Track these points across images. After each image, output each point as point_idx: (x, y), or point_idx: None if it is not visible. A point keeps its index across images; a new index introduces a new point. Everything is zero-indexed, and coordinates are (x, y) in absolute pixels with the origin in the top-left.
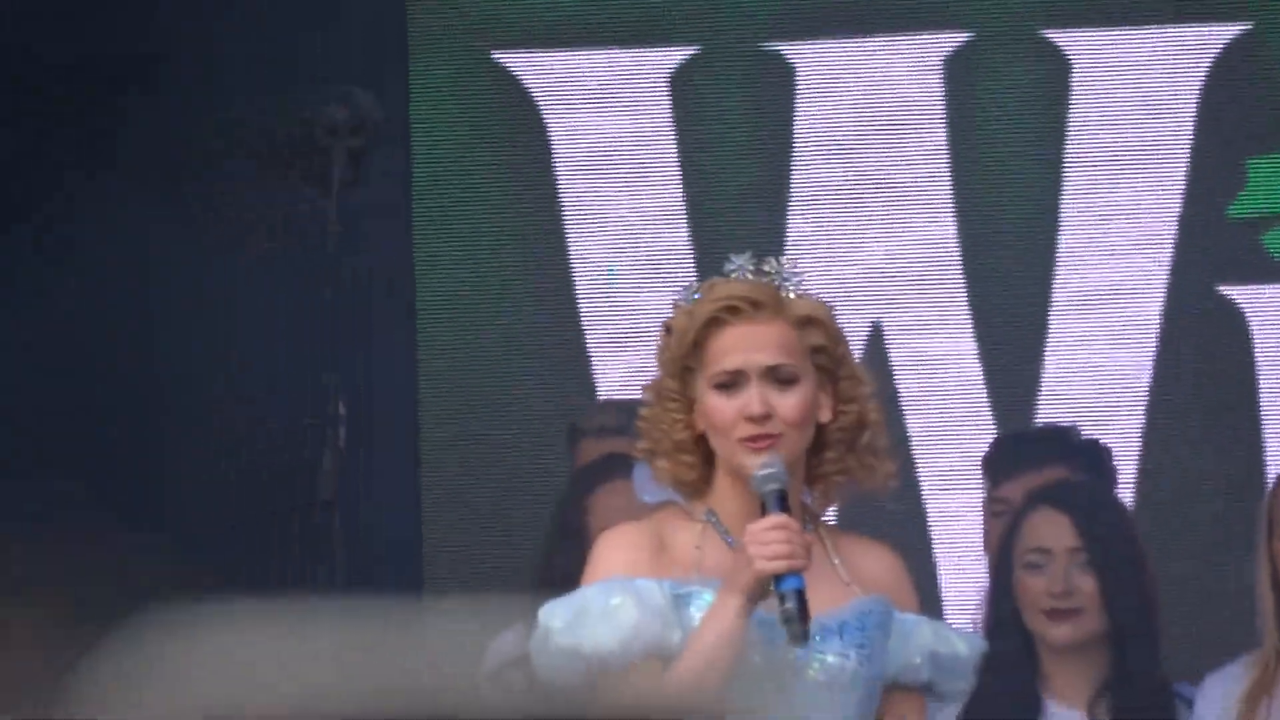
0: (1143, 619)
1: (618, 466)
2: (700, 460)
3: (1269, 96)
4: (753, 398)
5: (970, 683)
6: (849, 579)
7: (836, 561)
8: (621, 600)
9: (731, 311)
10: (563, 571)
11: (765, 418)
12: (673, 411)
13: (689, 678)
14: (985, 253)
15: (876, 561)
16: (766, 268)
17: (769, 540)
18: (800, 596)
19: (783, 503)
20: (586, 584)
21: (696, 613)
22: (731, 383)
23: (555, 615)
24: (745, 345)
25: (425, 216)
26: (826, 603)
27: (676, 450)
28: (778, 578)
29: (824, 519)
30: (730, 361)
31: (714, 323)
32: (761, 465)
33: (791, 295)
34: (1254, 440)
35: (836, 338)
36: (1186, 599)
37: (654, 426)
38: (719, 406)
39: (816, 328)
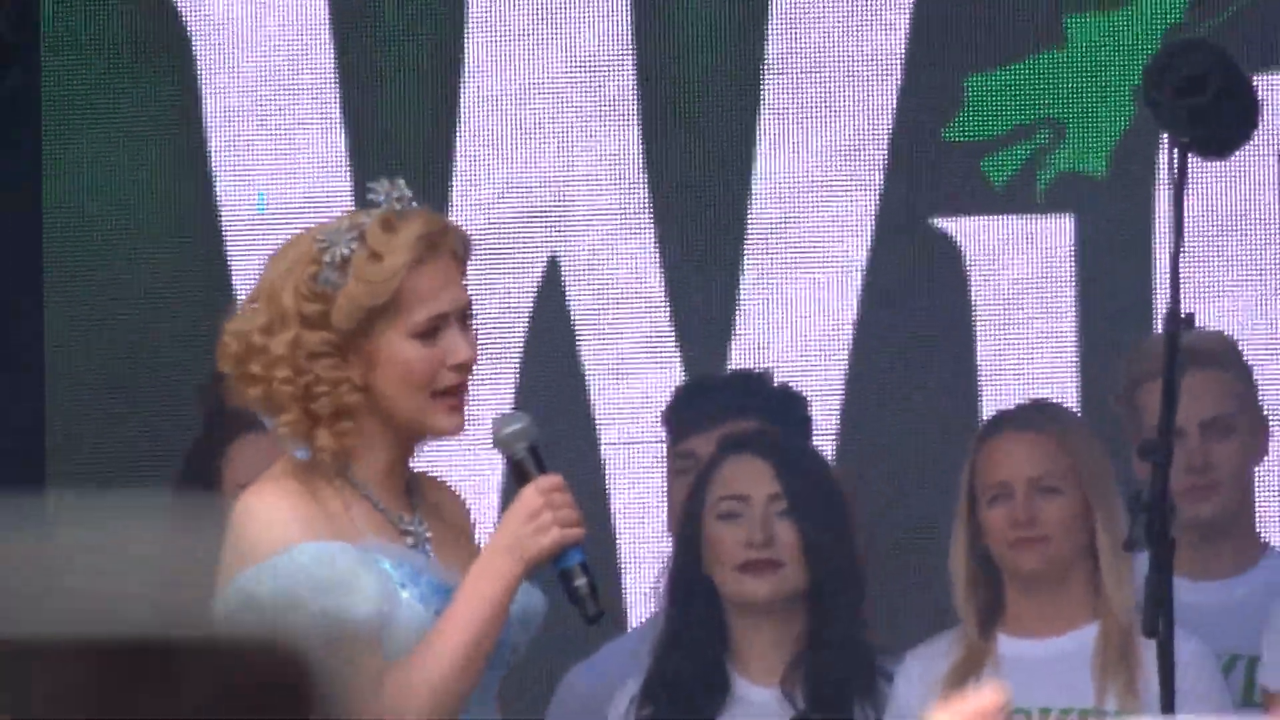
0: (846, 577)
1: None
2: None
3: (991, 7)
4: (459, 342)
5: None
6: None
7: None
8: (352, 564)
9: (434, 248)
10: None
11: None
12: (336, 371)
13: (458, 647)
14: (674, 172)
15: (454, 501)
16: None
17: (561, 505)
18: (589, 571)
19: (541, 461)
20: (258, 549)
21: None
22: (434, 330)
23: (287, 578)
24: (446, 284)
25: (55, 144)
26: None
27: (339, 417)
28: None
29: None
30: (436, 305)
31: (414, 263)
32: (507, 420)
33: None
34: (970, 389)
35: None
36: (889, 565)
37: (309, 394)
38: (418, 356)
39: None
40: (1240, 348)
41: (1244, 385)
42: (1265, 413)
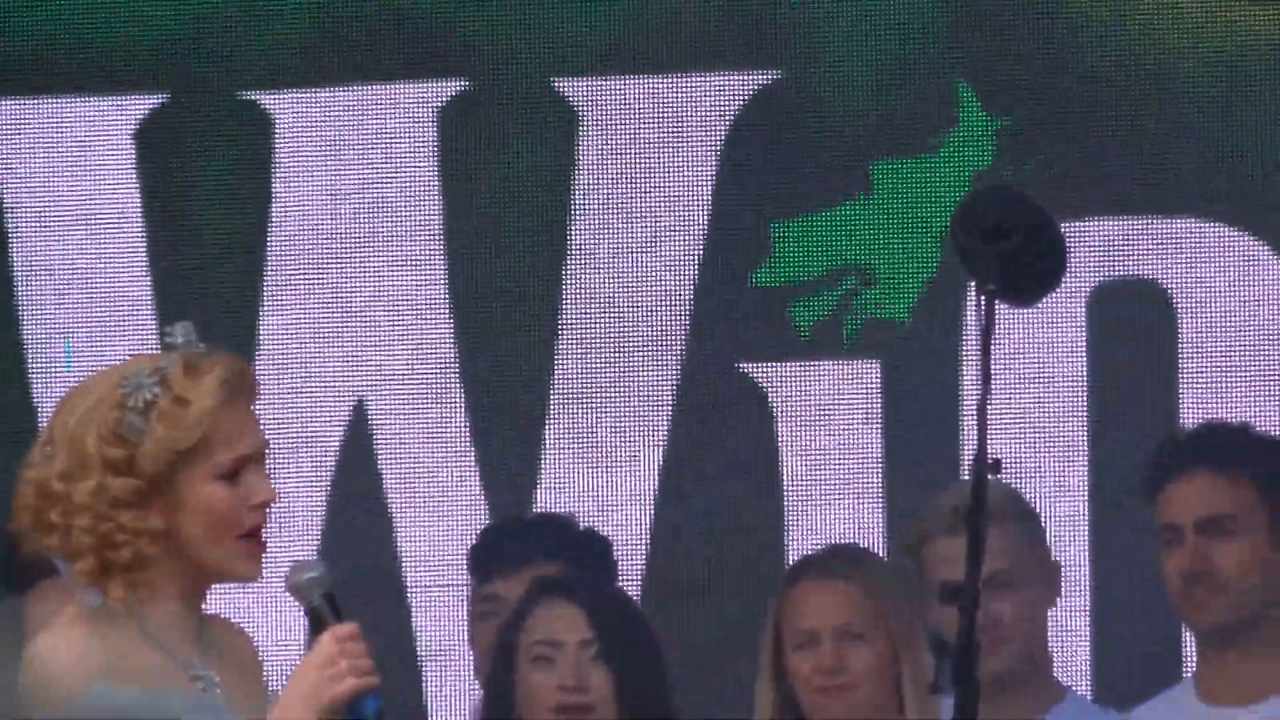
0: (657, 716)
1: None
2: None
3: (797, 152)
4: (260, 483)
5: None
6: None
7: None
8: (143, 710)
9: (236, 391)
10: None
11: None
12: (139, 521)
13: None
14: (480, 318)
15: (245, 643)
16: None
17: (356, 653)
18: (382, 716)
19: (336, 608)
20: (50, 694)
21: None
22: (236, 471)
23: None
24: (250, 425)
25: None
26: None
27: (135, 567)
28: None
29: None
30: (243, 445)
31: (219, 406)
32: (302, 568)
33: None
34: (775, 535)
35: None
36: (696, 701)
37: (108, 542)
38: (224, 498)
39: None
40: (1028, 496)
41: (1026, 536)
42: (1055, 559)
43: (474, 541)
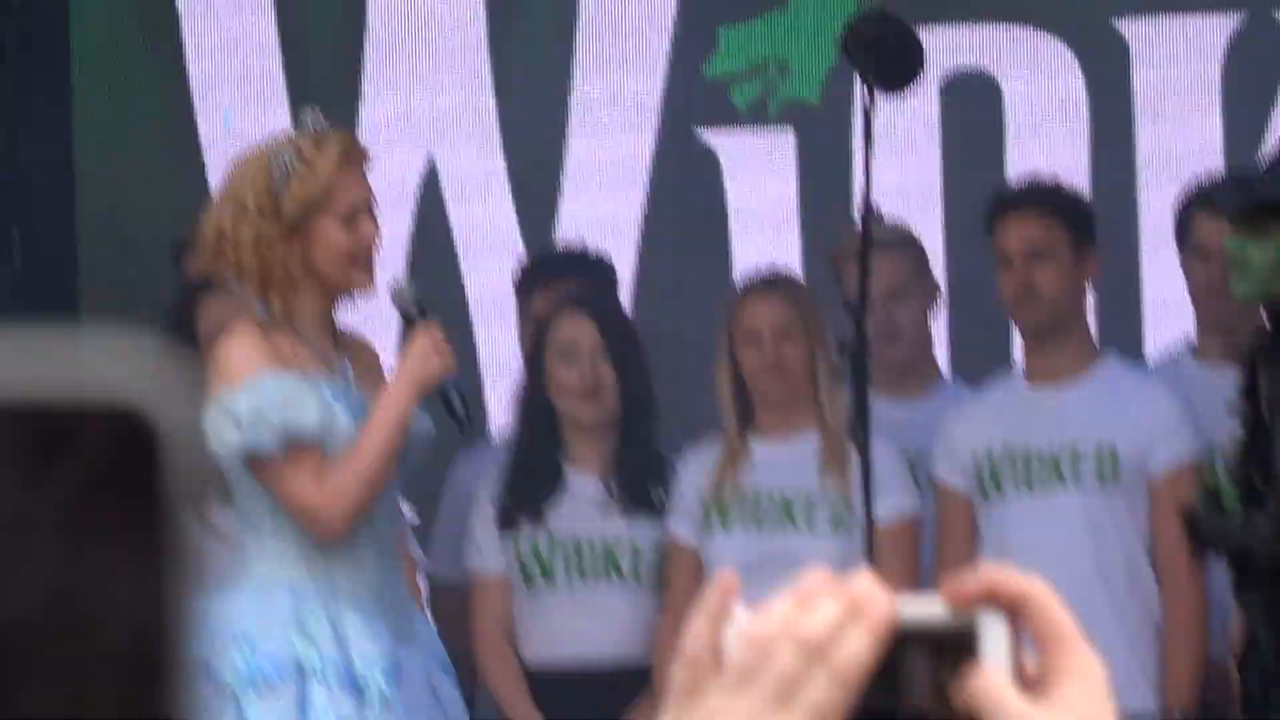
0: (645, 403)
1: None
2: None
3: None
4: (369, 224)
5: None
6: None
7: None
8: (301, 388)
9: (348, 158)
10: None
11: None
12: (285, 252)
13: (377, 449)
14: (512, 111)
15: (366, 347)
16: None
17: (440, 344)
18: (461, 391)
19: (425, 313)
20: (234, 377)
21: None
22: (353, 215)
23: (255, 397)
24: (362, 183)
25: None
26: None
27: (289, 285)
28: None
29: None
30: (357, 198)
31: (337, 168)
32: (398, 281)
33: None
34: (724, 259)
35: None
36: (677, 393)
37: (266, 267)
38: (343, 238)
39: None
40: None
41: (917, 260)
42: (934, 278)
43: (519, 267)
